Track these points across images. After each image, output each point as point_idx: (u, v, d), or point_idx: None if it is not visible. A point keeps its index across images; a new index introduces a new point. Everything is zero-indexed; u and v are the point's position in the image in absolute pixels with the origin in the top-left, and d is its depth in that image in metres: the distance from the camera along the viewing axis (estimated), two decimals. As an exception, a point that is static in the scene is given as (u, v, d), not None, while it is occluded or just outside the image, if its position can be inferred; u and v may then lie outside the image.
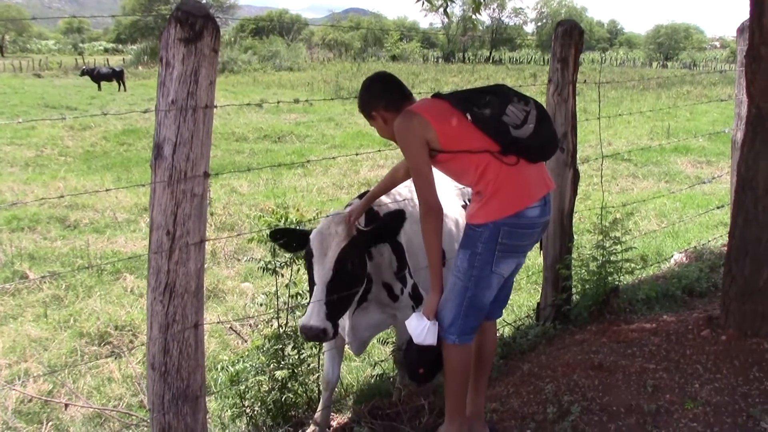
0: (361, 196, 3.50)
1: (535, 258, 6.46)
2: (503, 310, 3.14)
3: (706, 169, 13.05)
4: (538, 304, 4.44)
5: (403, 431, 3.14)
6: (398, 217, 3.23)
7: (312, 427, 3.64)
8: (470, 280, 2.73)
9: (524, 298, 6.43)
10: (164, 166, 2.29)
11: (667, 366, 3.20)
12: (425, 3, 4.26)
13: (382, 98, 2.87)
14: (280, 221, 3.79)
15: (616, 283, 4.35)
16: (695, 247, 6.47)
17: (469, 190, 3.63)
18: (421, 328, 2.75)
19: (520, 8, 72.57)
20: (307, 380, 4.03)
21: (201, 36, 2.27)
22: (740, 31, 5.14)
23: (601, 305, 4.21)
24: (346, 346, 3.94)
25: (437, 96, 2.86)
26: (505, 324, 4.85)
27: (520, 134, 2.67)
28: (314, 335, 2.94)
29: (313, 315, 2.91)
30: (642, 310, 4.34)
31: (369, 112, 2.91)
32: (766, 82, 3.18)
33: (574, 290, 4.33)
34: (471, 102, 2.72)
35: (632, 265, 5.12)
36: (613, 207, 4.75)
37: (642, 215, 9.73)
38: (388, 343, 4.54)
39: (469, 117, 2.67)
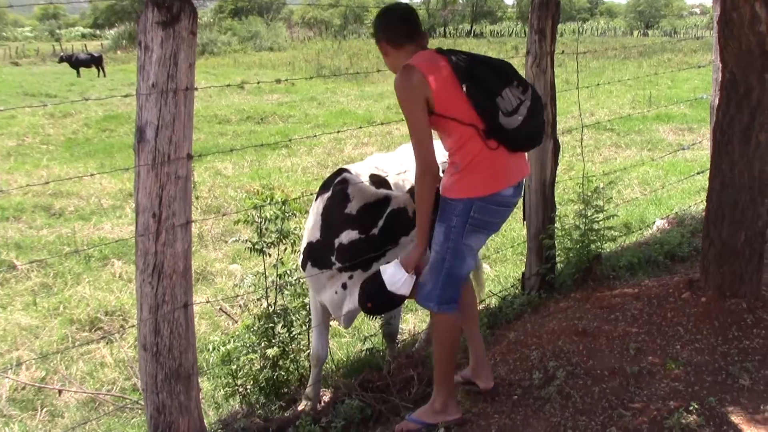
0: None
1: (520, 229, 6.53)
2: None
3: (687, 136, 13.15)
4: (523, 274, 4.51)
5: (392, 403, 3.20)
6: None
7: (304, 402, 3.70)
8: (447, 251, 2.80)
9: (510, 269, 6.51)
10: (147, 149, 2.31)
11: (649, 329, 3.27)
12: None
13: (386, 31, 2.89)
14: (265, 202, 3.82)
15: (599, 250, 4.42)
16: (677, 213, 6.57)
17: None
18: (397, 278, 2.83)
19: (500, -19, 72.08)
20: (297, 357, 4.09)
21: (178, 19, 2.29)
22: (716, -3, 5.19)
23: (584, 273, 4.29)
24: (333, 322, 4.00)
25: (439, 52, 2.80)
26: (491, 295, 4.93)
27: (507, 123, 2.67)
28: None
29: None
30: (625, 276, 4.42)
31: (376, 40, 2.94)
32: (737, 47, 3.23)
33: (557, 259, 4.39)
34: (470, 73, 2.69)
35: (614, 232, 5.19)
36: (595, 176, 4.80)
37: (625, 184, 9.83)
38: (376, 317, 4.59)
39: (464, 88, 2.66)
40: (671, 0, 76.67)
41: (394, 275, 2.84)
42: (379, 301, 2.95)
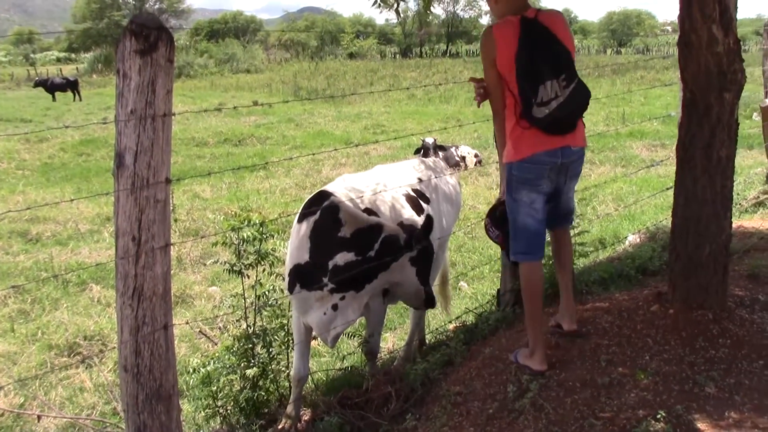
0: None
1: (496, 247, 6.63)
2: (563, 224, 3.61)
3: (660, 152, 13.41)
4: (498, 290, 4.59)
5: (370, 419, 3.26)
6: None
7: (284, 421, 3.75)
8: (512, 209, 3.30)
9: (487, 286, 6.61)
10: (126, 174, 2.37)
11: (619, 341, 3.36)
12: (379, 3, 4.38)
13: None
14: (243, 224, 3.88)
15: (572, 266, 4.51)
16: (648, 227, 6.71)
17: (426, 173, 4.44)
18: None
19: (474, 0, 72.70)
20: (277, 377, 4.13)
21: (156, 47, 2.35)
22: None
23: (557, 288, 4.37)
24: (314, 341, 4.06)
25: (522, 22, 3.14)
26: (468, 311, 5.01)
27: (536, 112, 3.07)
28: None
29: None
30: (597, 290, 4.51)
31: None
32: (696, 67, 3.36)
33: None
34: (530, 55, 3.08)
35: (586, 248, 5.32)
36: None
37: (600, 200, 10.02)
38: (356, 336, 4.65)
39: (518, 67, 3.08)
40: (643, 18, 77.88)
41: None
42: (507, 230, 3.40)
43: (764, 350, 3.17)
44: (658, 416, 2.70)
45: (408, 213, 4.01)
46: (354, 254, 3.57)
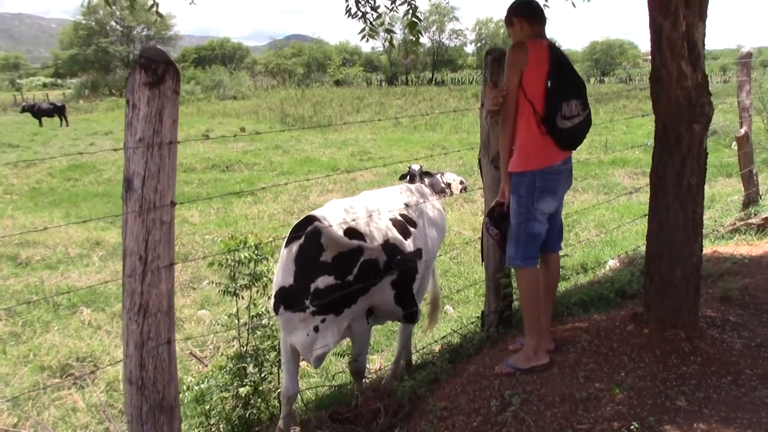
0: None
1: (481, 272, 6.81)
2: (559, 244, 3.98)
3: (642, 180, 13.68)
4: (483, 311, 4.75)
5: (360, 434, 3.41)
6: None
7: (275, 437, 3.86)
8: (520, 216, 3.57)
9: (472, 309, 6.77)
10: (135, 197, 2.53)
11: (596, 358, 3.54)
12: (367, 38, 4.56)
13: (527, 12, 3.63)
14: (239, 246, 4.03)
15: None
16: (627, 252, 6.91)
17: (412, 199, 4.64)
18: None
19: (460, 30, 73.74)
20: (269, 396, 4.25)
21: (163, 80, 2.53)
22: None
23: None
24: (302, 362, 4.19)
25: (549, 45, 3.56)
26: (453, 332, 5.17)
27: (560, 123, 3.46)
28: None
29: None
30: (578, 312, 4.69)
31: (514, 16, 3.64)
32: (667, 101, 3.58)
33: (514, 297, 4.66)
34: (561, 75, 3.50)
35: (567, 272, 5.51)
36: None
37: (582, 226, 10.23)
38: (344, 356, 4.79)
39: (548, 84, 3.44)
40: (626, 48, 78.99)
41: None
42: (505, 229, 3.71)
43: (732, 367, 3.37)
44: (632, 427, 2.87)
45: (392, 235, 4.16)
46: (334, 278, 3.71)
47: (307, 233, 3.74)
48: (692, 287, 3.70)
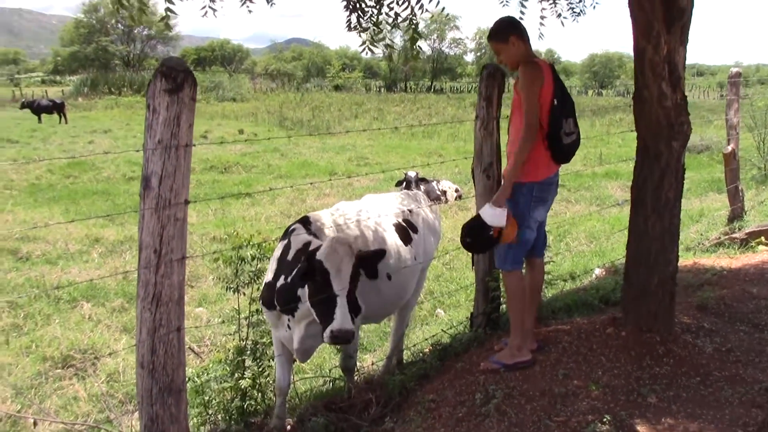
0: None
1: (472, 277, 7.03)
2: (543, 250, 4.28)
3: (632, 193, 13.87)
4: (471, 313, 4.97)
5: (352, 422, 3.63)
6: (381, 254, 3.79)
7: (271, 426, 4.06)
8: (519, 224, 3.81)
9: (462, 313, 6.97)
10: (152, 195, 2.75)
11: (576, 358, 3.78)
12: (368, 51, 4.71)
13: (520, 30, 3.89)
14: (244, 243, 4.25)
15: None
16: (612, 262, 7.15)
17: (413, 205, 4.83)
18: (496, 213, 3.74)
19: (460, 39, 74.20)
20: (266, 389, 4.45)
21: (182, 87, 2.76)
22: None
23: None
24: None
25: (553, 68, 3.90)
26: (443, 333, 5.39)
27: (563, 138, 3.78)
28: (348, 337, 3.36)
29: (346, 320, 3.34)
30: (562, 316, 4.91)
31: (508, 35, 3.87)
32: (648, 119, 3.82)
33: (502, 300, 4.88)
34: (562, 93, 3.81)
35: (554, 279, 5.74)
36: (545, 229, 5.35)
37: (573, 236, 10.44)
38: (337, 354, 4.98)
39: (555, 102, 3.74)
40: (625, 61, 79.42)
41: (492, 212, 3.74)
42: (477, 239, 3.86)
43: (702, 369, 3.61)
44: (605, 420, 3.11)
45: (367, 241, 4.15)
46: (284, 277, 3.74)
47: (287, 233, 3.93)
48: (668, 294, 3.94)
